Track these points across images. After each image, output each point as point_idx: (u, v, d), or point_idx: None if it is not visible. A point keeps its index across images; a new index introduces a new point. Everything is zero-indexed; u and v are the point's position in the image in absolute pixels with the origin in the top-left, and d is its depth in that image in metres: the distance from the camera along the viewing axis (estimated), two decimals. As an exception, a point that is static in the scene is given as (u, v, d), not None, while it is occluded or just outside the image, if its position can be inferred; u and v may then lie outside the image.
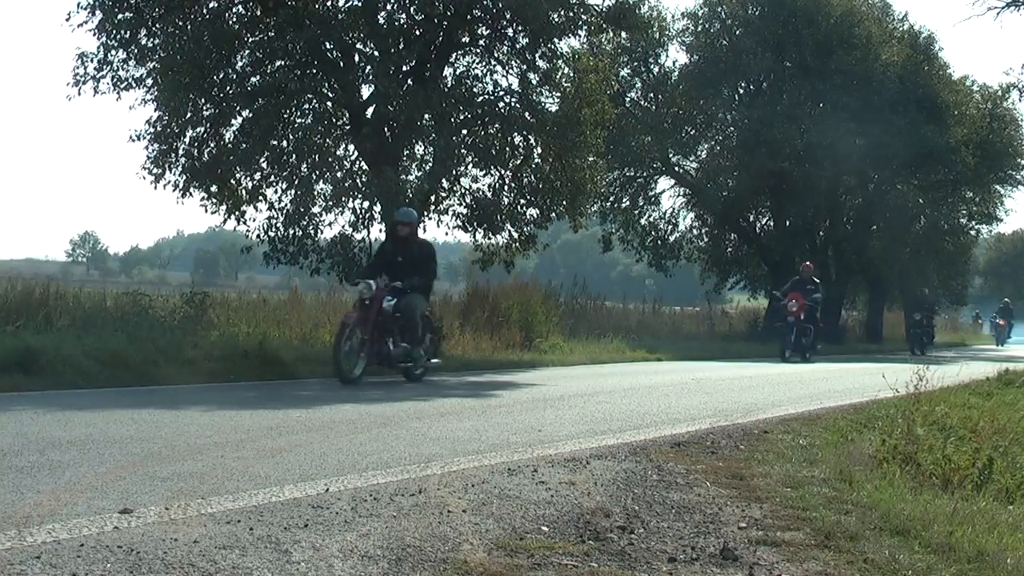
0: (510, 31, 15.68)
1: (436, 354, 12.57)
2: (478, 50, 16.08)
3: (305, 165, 15.26)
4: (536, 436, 6.96)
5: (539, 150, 15.81)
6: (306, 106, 15.44)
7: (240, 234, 16.22)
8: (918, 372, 7.98)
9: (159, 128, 14.57)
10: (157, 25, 14.26)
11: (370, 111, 15.11)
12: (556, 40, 15.64)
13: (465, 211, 16.08)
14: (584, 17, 15.44)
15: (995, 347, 39.84)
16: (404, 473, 5.25)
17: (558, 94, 15.92)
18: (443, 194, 15.90)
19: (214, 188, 15.17)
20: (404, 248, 11.78)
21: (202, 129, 14.79)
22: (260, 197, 15.49)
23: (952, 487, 5.97)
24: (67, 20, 14.17)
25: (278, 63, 14.96)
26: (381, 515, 4.24)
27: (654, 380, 13.24)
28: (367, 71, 15.03)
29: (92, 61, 14.25)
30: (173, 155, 14.76)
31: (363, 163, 15.56)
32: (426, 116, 14.72)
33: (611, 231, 29.60)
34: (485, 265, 17.14)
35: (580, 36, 16.58)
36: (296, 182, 15.30)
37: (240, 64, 14.95)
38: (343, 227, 16.01)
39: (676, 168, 30.10)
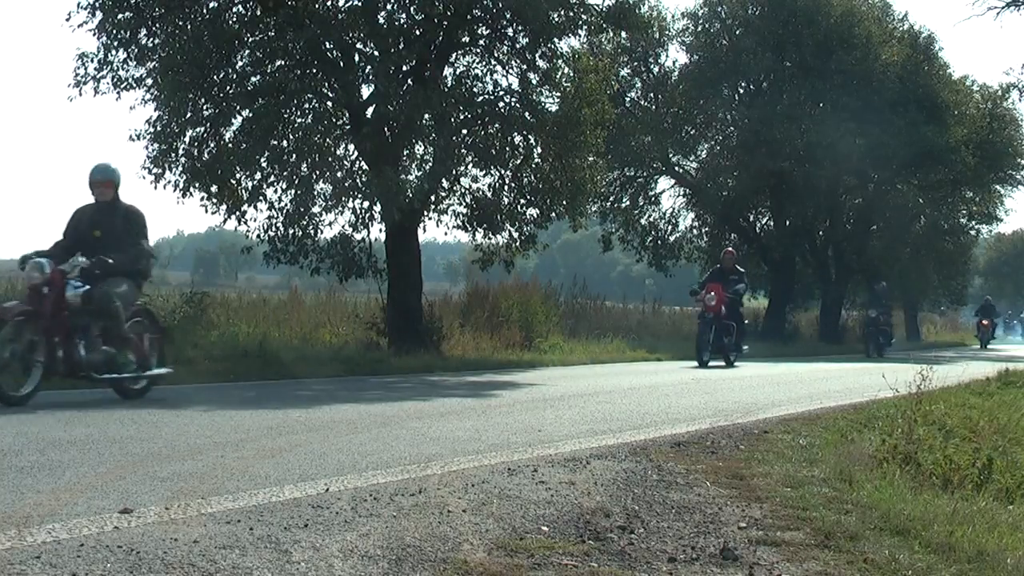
0: (510, 31, 15.68)
1: (163, 361, 9.18)
2: (478, 50, 16.08)
3: (305, 165, 15.25)
4: (536, 436, 6.96)
5: (539, 150, 15.81)
6: (306, 106, 15.44)
7: (240, 234, 16.23)
8: (920, 372, 7.98)
9: (159, 128, 14.56)
10: (157, 25, 14.25)
11: (370, 111, 15.11)
12: (556, 40, 15.64)
13: (465, 211, 16.08)
14: (584, 17, 15.44)
15: (980, 349, 36.90)
16: (404, 473, 5.25)
17: (558, 94, 15.92)
18: (443, 194, 15.91)
19: (214, 188, 15.16)
20: (106, 218, 8.69)
21: (202, 129, 14.78)
22: (260, 197, 15.48)
23: (952, 487, 5.97)
24: (67, 20, 14.18)
25: (278, 63, 14.96)
26: (381, 515, 4.24)
27: (654, 380, 13.24)
28: (367, 71, 15.03)
29: (92, 61, 14.25)
30: (173, 155, 14.74)
31: (363, 163, 15.56)
32: (426, 116, 14.71)
33: (611, 231, 29.60)
34: (485, 265, 17.14)
35: (580, 36, 16.60)
36: (296, 182, 15.30)
37: (240, 64, 14.94)
38: (343, 227, 16.03)
39: (676, 168, 30.10)
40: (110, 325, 8.48)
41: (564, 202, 15.80)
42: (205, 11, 14.56)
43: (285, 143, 15.14)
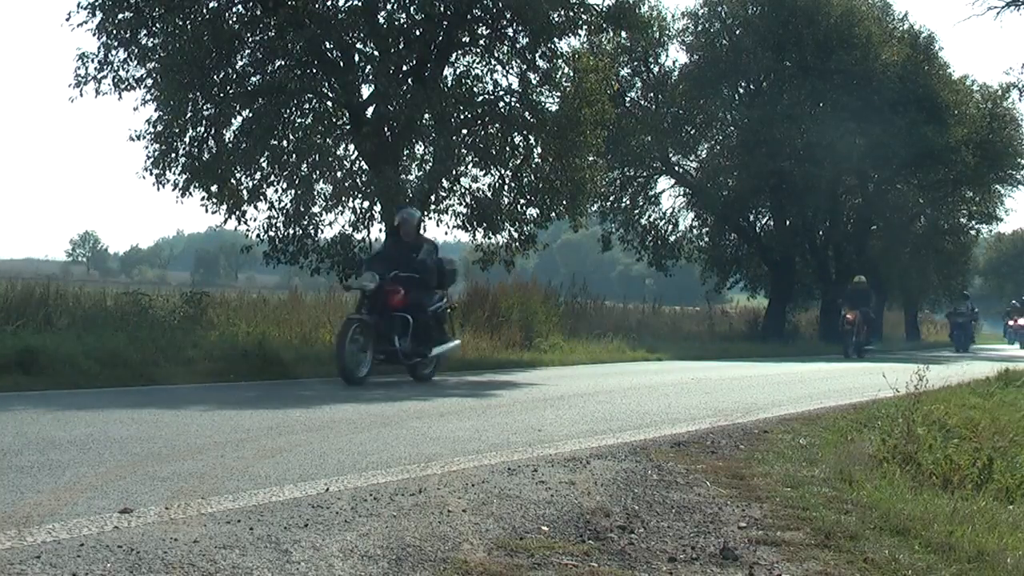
0: (510, 31, 15.69)
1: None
2: (478, 50, 16.08)
3: (305, 165, 15.26)
4: (536, 436, 6.96)
5: (539, 150, 15.81)
6: (306, 106, 15.45)
7: (240, 234, 16.24)
8: (918, 372, 7.98)
9: (159, 128, 14.58)
10: (157, 25, 14.26)
11: (370, 111, 15.12)
12: (556, 40, 15.65)
13: (465, 211, 16.08)
14: (584, 17, 15.45)
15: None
16: (404, 473, 5.25)
17: (558, 94, 15.93)
18: (443, 194, 15.91)
19: (214, 188, 15.17)
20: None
21: (202, 129, 14.80)
22: (260, 197, 15.50)
23: (952, 487, 5.97)
24: (67, 20, 14.19)
25: (278, 63, 14.97)
26: (381, 515, 4.24)
27: (654, 380, 13.24)
28: (367, 71, 15.04)
29: (93, 61, 14.28)
30: (173, 155, 14.76)
31: (363, 163, 15.57)
32: (426, 116, 14.73)
33: (611, 231, 29.61)
34: (485, 265, 17.14)
35: (580, 36, 16.61)
36: (296, 182, 15.31)
37: (240, 64, 14.96)
38: (343, 227, 16.05)
39: (676, 168, 30.12)
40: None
41: (564, 202, 15.81)
42: (205, 11, 14.57)
43: (285, 143, 15.15)
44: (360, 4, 14.77)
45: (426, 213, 15.86)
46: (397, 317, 10.99)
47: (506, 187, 15.97)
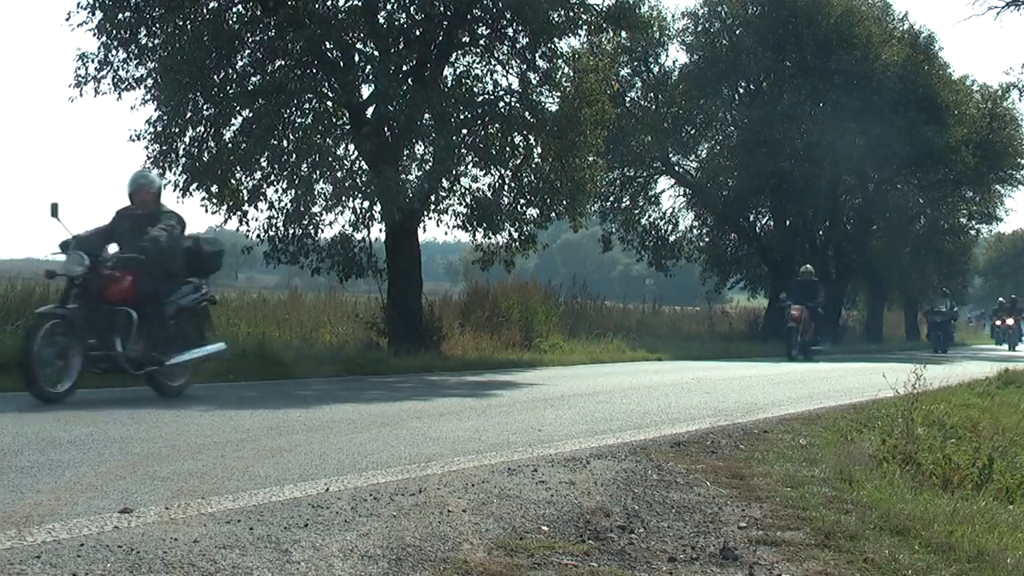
0: (510, 31, 15.68)
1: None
2: (478, 50, 16.07)
3: (305, 165, 15.25)
4: (536, 436, 6.96)
5: (539, 150, 15.80)
6: (306, 106, 15.44)
7: (240, 234, 16.22)
8: (916, 371, 7.98)
9: (159, 128, 14.57)
10: (157, 25, 14.24)
11: (370, 111, 15.11)
12: (556, 40, 15.63)
13: (465, 211, 16.07)
14: (584, 17, 15.43)
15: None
16: (404, 473, 5.25)
17: (558, 94, 15.92)
18: (443, 194, 15.90)
19: (214, 188, 15.16)
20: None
21: (202, 129, 14.78)
22: (260, 197, 15.48)
23: (952, 487, 5.97)
24: (67, 20, 14.18)
25: (278, 63, 14.96)
26: (381, 515, 4.24)
27: (654, 380, 13.24)
28: (367, 71, 15.02)
29: (92, 61, 14.25)
30: (173, 155, 14.75)
31: (363, 163, 15.56)
32: (426, 116, 14.71)
33: (611, 231, 29.59)
34: (485, 265, 17.14)
35: (580, 36, 16.59)
36: (296, 182, 15.29)
37: (240, 64, 14.94)
38: (343, 227, 16.03)
39: (676, 168, 30.11)
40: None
41: (564, 202, 15.81)
42: (205, 11, 14.56)
43: (285, 143, 15.13)
44: (360, 4, 14.77)
45: (426, 213, 15.87)
46: (118, 312, 8.50)
47: (506, 187, 15.96)
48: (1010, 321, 37.61)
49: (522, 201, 16.05)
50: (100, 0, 13.97)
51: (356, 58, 15.02)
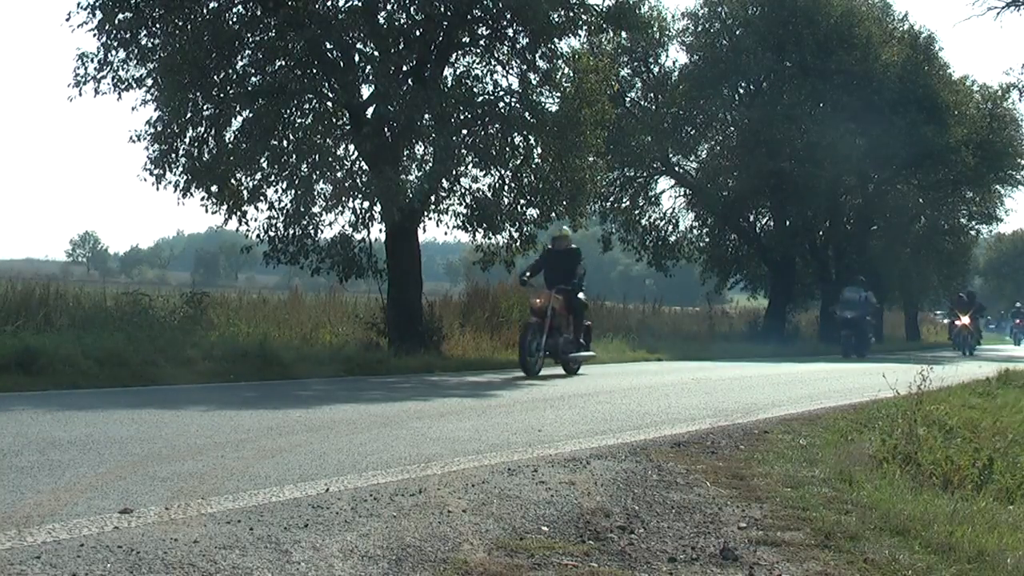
0: (510, 31, 15.68)
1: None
2: (478, 50, 16.07)
3: (305, 165, 15.25)
4: (536, 436, 6.95)
5: (539, 150, 15.80)
6: (306, 106, 15.44)
7: (240, 234, 16.23)
8: (920, 372, 7.97)
9: (159, 128, 14.57)
10: (157, 25, 14.25)
11: (370, 111, 15.11)
12: (556, 40, 15.64)
13: (465, 211, 16.07)
14: (584, 17, 15.44)
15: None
16: (404, 473, 5.24)
17: (558, 94, 15.92)
18: (443, 194, 15.90)
19: (214, 188, 15.17)
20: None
21: (202, 129, 14.79)
22: (260, 197, 15.49)
23: (952, 487, 5.96)
24: (67, 20, 14.17)
25: (278, 63, 14.96)
26: (381, 515, 4.24)
27: (654, 380, 13.24)
28: (367, 71, 15.03)
29: (92, 61, 14.25)
30: (173, 155, 14.75)
31: (363, 163, 15.56)
32: (426, 116, 14.71)
33: (611, 231, 29.62)
34: (485, 265, 17.14)
35: (580, 36, 16.58)
36: (296, 182, 15.30)
37: (240, 64, 14.95)
38: (343, 227, 16.04)
39: (676, 168, 30.12)
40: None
41: (564, 202, 15.81)
42: (205, 11, 14.56)
43: (285, 143, 15.14)
44: (360, 4, 14.77)
45: (426, 213, 15.87)
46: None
47: (506, 187, 15.96)
48: (965, 319, 29.93)
49: (522, 201, 16.05)
50: (100, 0, 13.97)
51: (356, 58, 15.02)
